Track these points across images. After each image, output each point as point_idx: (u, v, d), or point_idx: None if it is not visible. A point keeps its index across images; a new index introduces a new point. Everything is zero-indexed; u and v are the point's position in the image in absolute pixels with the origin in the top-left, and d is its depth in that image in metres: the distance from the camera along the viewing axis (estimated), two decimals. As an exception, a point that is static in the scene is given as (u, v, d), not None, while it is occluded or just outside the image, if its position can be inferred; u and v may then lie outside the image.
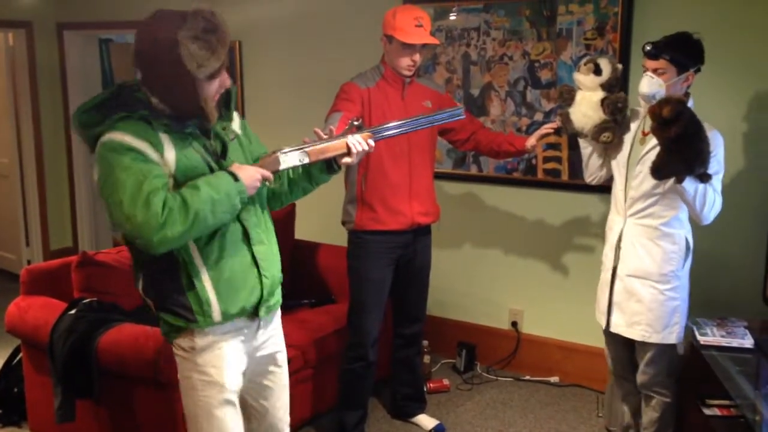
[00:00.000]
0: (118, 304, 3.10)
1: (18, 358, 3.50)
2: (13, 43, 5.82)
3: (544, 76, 3.83)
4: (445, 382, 3.94)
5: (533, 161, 3.92)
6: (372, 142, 2.20)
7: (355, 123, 2.22)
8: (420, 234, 3.25)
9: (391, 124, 2.31)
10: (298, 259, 4.01)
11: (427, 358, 3.97)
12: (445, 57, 4.10)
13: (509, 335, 4.15)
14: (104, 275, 3.15)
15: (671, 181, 2.63)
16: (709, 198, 2.64)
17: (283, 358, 2.31)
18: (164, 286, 2.02)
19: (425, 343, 3.90)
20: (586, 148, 3.07)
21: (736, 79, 3.32)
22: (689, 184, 2.59)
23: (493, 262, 4.16)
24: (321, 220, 4.27)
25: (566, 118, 2.97)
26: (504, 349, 4.17)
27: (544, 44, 3.80)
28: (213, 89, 1.97)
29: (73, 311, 2.99)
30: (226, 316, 2.04)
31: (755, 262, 3.26)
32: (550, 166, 3.89)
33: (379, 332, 3.25)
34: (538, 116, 3.87)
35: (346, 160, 2.16)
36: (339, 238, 3.86)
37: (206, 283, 2.00)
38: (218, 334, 2.06)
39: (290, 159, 2.07)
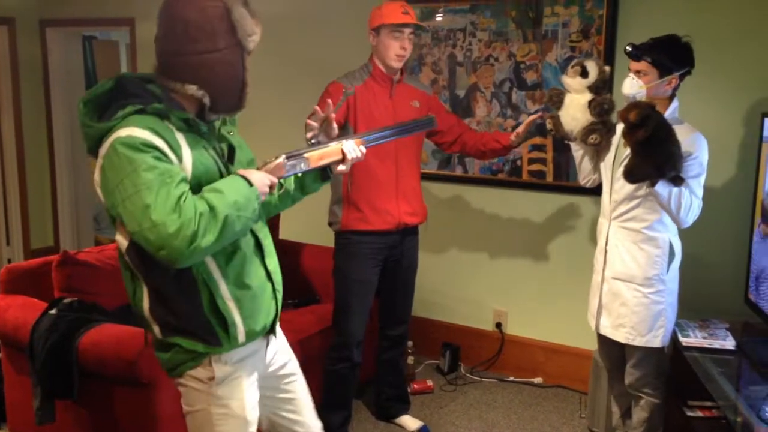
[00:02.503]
0: (99, 304, 3.07)
1: (-3, 358, 3.45)
2: (-6, 40, 5.76)
3: (530, 77, 3.84)
4: (429, 383, 3.94)
5: (518, 162, 3.93)
6: (363, 149, 2.10)
7: (349, 92, 2.23)
8: (407, 234, 3.24)
9: (379, 132, 2.21)
10: (283, 259, 3.91)
11: (411, 359, 3.97)
12: (431, 58, 4.09)
13: (493, 336, 4.16)
14: (85, 275, 3.11)
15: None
16: (685, 201, 2.62)
17: (294, 365, 2.19)
18: (181, 307, 1.82)
19: (410, 344, 3.89)
20: (577, 151, 3.07)
21: (723, 83, 3.34)
22: (662, 188, 2.59)
23: (477, 263, 4.17)
24: (305, 220, 4.25)
25: (557, 121, 2.97)
26: (488, 350, 4.17)
27: (530, 46, 3.81)
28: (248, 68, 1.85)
29: (53, 311, 2.95)
30: (250, 336, 1.90)
31: (737, 263, 3.29)
32: (535, 167, 3.90)
33: (364, 333, 3.24)
34: (524, 117, 3.86)
35: (341, 168, 2.06)
36: (324, 238, 3.85)
37: (229, 302, 1.83)
38: (236, 361, 1.90)
39: (293, 165, 1.95)
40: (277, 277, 2.01)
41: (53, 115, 5.98)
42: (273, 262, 2.01)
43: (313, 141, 2.06)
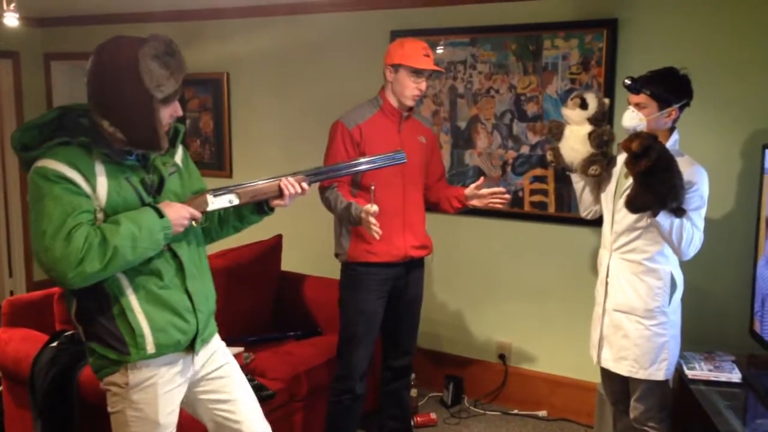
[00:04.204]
0: (101, 337, 3.05)
1: (-3, 391, 3.43)
2: (-1, 73, 5.81)
3: (531, 109, 3.86)
4: (433, 416, 3.90)
5: (520, 193, 3.94)
6: (306, 185, 2.21)
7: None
8: (413, 267, 3.24)
9: (324, 167, 2.33)
10: (285, 290, 3.98)
11: (414, 392, 3.93)
12: (431, 90, 4.12)
13: (497, 368, 4.13)
14: (87, 307, 3.10)
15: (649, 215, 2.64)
16: (687, 233, 2.62)
17: (232, 368, 2.30)
18: (96, 316, 2.00)
19: (412, 376, 3.86)
20: (578, 182, 3.06)
21: (722, 115, 3.36)
22: (663, 219, 2.59)
23: (479, 294, 4.15)
24: (308, 251, 4.25)
25: (557, 153, 2.98)
26: (492, 383, 4.14)
27: (530, 78, 3.84)
28: (166, 115, 1.99)
29: (54, 344, 2.95)
30: (161, 349, 2.03)
31: (741, 295, 3.27)
32: (536, 198, 3.90)
33: (368, 365, 3.22)
34: (525, 149, 3.89)
35: (278, 202, 2.19)
36: (326, 269, 3.85)
37: (139, 315, 1.99)
38: (152, 368, 2.05)
39: (220, 200, 2.11)
40: (199, 297, 2.12)
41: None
42: (196, 284, 2.12)
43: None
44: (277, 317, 3.91)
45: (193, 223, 2.06)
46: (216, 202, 2.10)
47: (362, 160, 2.43)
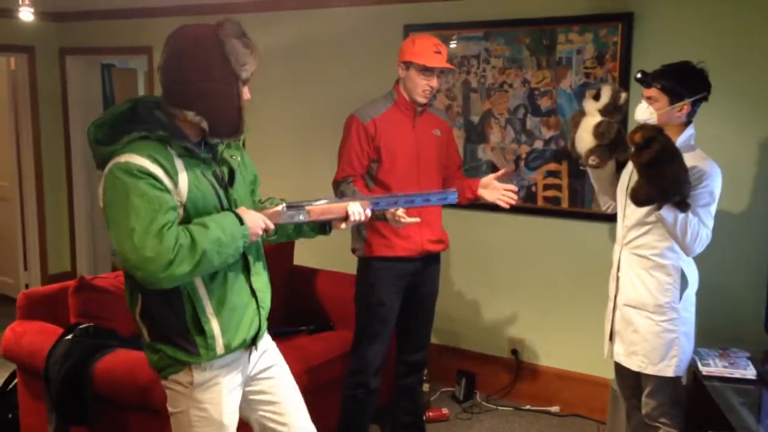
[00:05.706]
0: (115, 330, 3.07)
1: (13, 383, 3.46)
2: (15, 68, 5.85)
3: (544, 104, 3.84)
4: (444, 411, 3.90)
5: (533, 188, 3.92)
6: (369, 212, 2.22)
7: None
8: (429, 262, 3.23)
9: (387, 198, 2.33)
10: (296, 285, 3.98)
11: (426, 386, 3.93)
12: (445, 84, 4.11)
13: (509, 364, 4.12)
14: (101, 300, 3.12)
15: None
16: (692, 228, 2.58)
17: (281, 370, 2.28)
18: (166, 317, 1.96)
19: (424, 371, 3.86)
20: (596, 179, 3.07)
21: (738, 110, 3.33)
22: (668, 212, 2.57)
23: (492, 289, 4.14)
24: (320, 245, 4.24)
25: (573, 143, 3.01)
26: (504, 378, 4.13)
27: (544, 72, 3.82)
28: (244, 96, 1.96)
29: (69, 337, 2.97)
30: (229, 349, 2.02)
31: (757, 292, 3.25)
32: (550, 193, 3.89)
33: (382, 359, 3.22)
34: (538, 144, 3.87)
35: (341, 225, 2.20)
36: (338, 264, 3.85)
37: (211, 316, 1.97)
38: (216, 369, 2.03)
39: (291, 216, 2.12)
40: (262, 294, 2.13)
41: (71, 142, 6.04)
42: (260, 280, 2.12)
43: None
44: (290, 312, 3.91)
45: (264, 233, 2.04)
46: (287, 217, 2.11)
47: (417, 194, 2.41)
